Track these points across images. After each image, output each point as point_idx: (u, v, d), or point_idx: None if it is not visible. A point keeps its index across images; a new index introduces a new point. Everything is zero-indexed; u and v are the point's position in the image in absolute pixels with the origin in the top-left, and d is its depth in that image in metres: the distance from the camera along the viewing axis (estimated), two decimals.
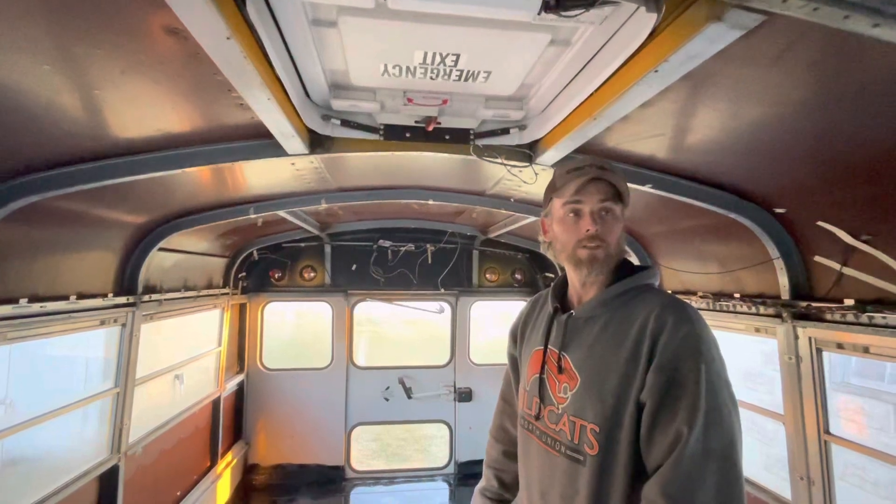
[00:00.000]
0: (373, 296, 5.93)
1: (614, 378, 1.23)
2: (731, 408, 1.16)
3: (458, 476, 5.81)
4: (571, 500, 1.26)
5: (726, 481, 1.09)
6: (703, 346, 1.18)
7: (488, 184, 3.28)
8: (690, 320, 1.21)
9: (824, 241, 2.23)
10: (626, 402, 1.20)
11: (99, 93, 1.54)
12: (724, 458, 1.10)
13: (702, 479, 1.08)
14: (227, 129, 2.00)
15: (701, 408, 1.11)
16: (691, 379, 1.14)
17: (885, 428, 9.51)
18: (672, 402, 1.14)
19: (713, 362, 1.17)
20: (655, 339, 1.20)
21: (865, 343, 2.16)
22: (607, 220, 1.32)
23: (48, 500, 2.51)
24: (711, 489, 1.08)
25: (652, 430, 1.16)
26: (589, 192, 1.31)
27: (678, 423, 1.12)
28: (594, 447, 1.22)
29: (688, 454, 1.09)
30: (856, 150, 1.71)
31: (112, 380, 3.14)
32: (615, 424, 1.21)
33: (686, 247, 3.23)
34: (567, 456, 1.29)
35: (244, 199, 3.32)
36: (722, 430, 1.12)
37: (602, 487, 1.21)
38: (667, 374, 1.16)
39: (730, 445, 1.12)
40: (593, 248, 1.31)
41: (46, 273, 2.46)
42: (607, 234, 1.32)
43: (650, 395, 1.17)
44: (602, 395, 1.24)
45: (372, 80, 1.82)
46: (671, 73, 1.30)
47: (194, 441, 4.48)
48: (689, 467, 1.09)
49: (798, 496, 2.47)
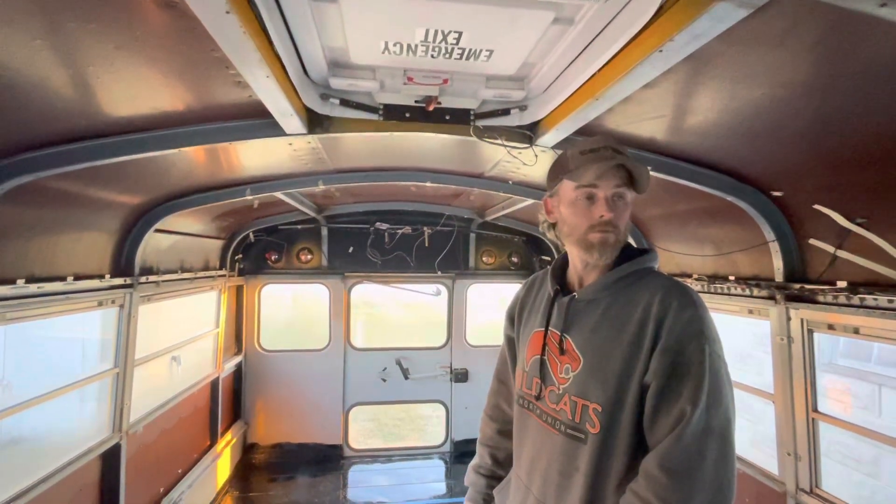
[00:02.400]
0: (370, 278, 5.94)
1: (618, 360, 1.25)
2: (728, 388, 1.20)
3: (454, 454, 5.94)
4: (570, 477, 1.30)
5: (723, 458, 1.13)
6: (705, 328, 1.21)
7: (487, 166, 3.26)
8: (694, 304, 1.24)
9: (819, 224, 2.26)
10: (629, 383, 1.23)
11: (93, 69, 1.51)
12: (722, 436, 1.14)
13: (701, 455, 1.12)
14: (224, 107, 1.97)
15: (704, 388, 1.15)
16: (695, 360, 1.17)
17: (870, 407, 9.80)
18: (677, 383, 1.17)
19: (714, 343, 1.20)
20: (660, 322, 1.22)
21: (856, 324, 2.20)
22: (619, 206, 1.33)
23: (52, 477, 2.55)
24: (710, 465, 1.11)
25: (656, 410, 1.19)
26: (607, 178, 1.30)
27: (682, 402, 1.15)
28: (596, 426, 1.26)
29: (690, 431, 1.12)
30: (854, 134, 1.72)
31: (111, 360, 3.16)
32: (617, 404, 1.24)
33: (682, 230, 3.25)
34: (567, 434, 1.32)
35: (240, 180, 3.29)
36: (721, 409, 1.16)
37: (602, 465, 1.25)
38: (672, 356, 1.19)
39: (727, 424, 1.16)
40: (605, 234, 1.32)
41: (42, 254, 2.45)
42: (619, 220, 1.33)
43: (655, 376, 1.20)
44: (605, 376, 1.26)
45: (372, 58, 1.79)
46: (676, 54, 1.29)
47: (194, 421, 4.53)
48: (690, 444, 1.12)
49: (785, 471, 2.56)
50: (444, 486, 5.32)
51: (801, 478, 2.47)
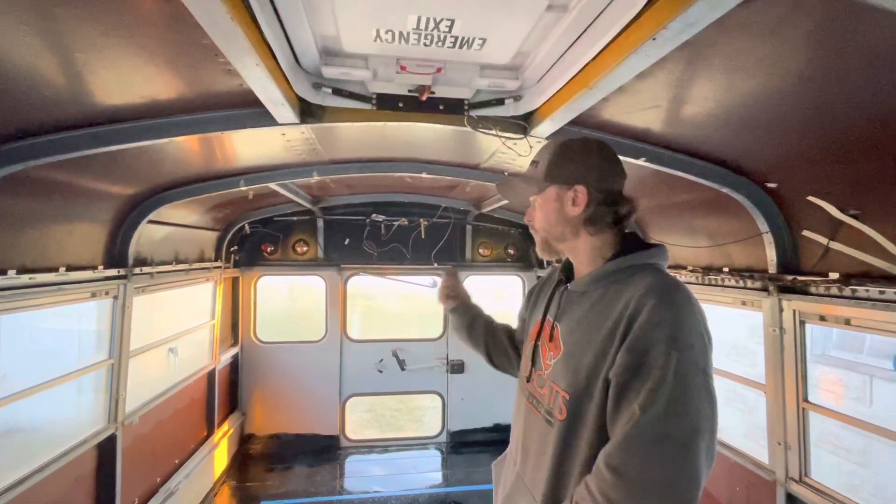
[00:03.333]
0: (366, 270, 5.94)
1: (590, 353, 1.24)
2: (702, 398, 1.10)
3: (450, 444, 5.99)
4: (541, 456, 1.34)
5: (680, 469, 1.04)
6: (680, 334, 1.12)
7: (483, 157, 3.25)
8: (672, 306, 1.15)
9: (813, 216, 2.26)
10: (596, 376, 1.21)
11: (80, 56, 1.48)
12: (682, 445, 1.05)
13: (651, 459, 1.06)
14: (214, 96, 1.95)
15: (663, 393, 1.08)
16: (657, 365, 1.10)
17: (861, 398, 9.91)
18: (635, 384, 1.12)
19: (688, 350, 1.11)
20: (631, 320, 1.17)
21: (847, 315, 2.22)
22: (533, 210, 1.48)
23: (48, 467, 2.56)
24: (661, 471, 1.05)
25: (615, 407, 1.16)
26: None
27: (634, 404, 1.10)
28: (563, 413, 1.27)
29: (637, 433, 1.07)
30: (848, 125, 1.72)
31: (106, 352, 3.16)
32: (584, 395, 1.23)
33: (677, 221, 3.25)
34: (544, 417, 1.36)
35: (234, 170, 3.27)
36: (686, 418, 1.07)
37: (565, 451, 1.26)
38: (634, 357, 1.14)
39: (692, 434, 1.06)
40: (535, 236, 1.50)
41: (34, 245, 2.43)
42: (535, 222, 1.48)
43: (616, 374, 1.16)
44: (577, 367, 1.26)
45: (364, 46, 1.77)
46: (669, 42, 1.28)
47: (190, 411, 4.55)
48: (638, 445, 1.07)
49: (775, 460, 2.59)
50: (440, 476, 5.37)
51: (791, 467, 2.50)
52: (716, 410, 1.12)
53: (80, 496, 2.94)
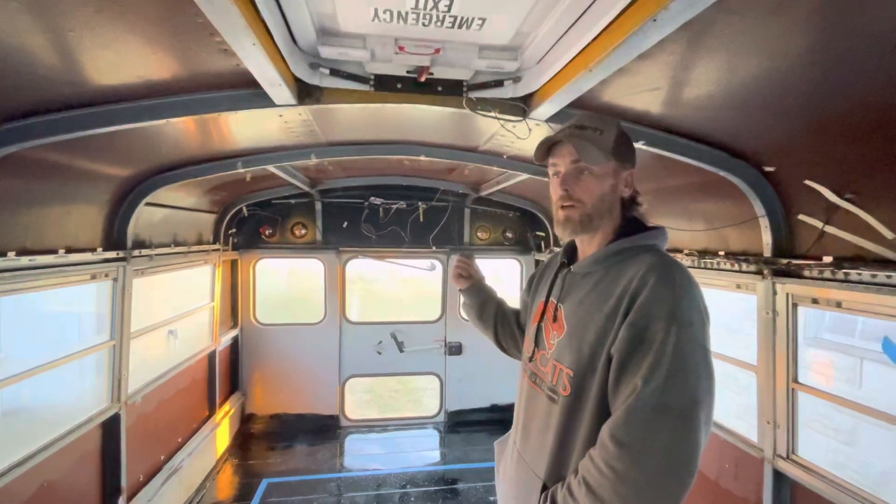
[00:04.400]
0: (364, 253, 5.96)
1: (593, 330, 1.28)
2: (699, 371, 1.15)
3: (448, 424, 6.11)
4: (544, 433, 1.38)
5: (679, 439, 1.10)
6: (679, 311, 1.17)
7: (481, 139, 3.23)
8: (672, 284, 1.20)
9: (809, 200, 2.27)
10: (599, 353, 1.26)
11: (73, 34, 1.46)
12: (682, 416, 1.10)
13: (651, 431, 1.10)
14: (211, 77, 1.93)
15: (663, 366, 1.12)
16: (658, 339, 1.14)
17: (852, 379, 10.12)
18: (637, 359, 1.16)
19: (688, 327, 1.16)
20: (634, 297, 1.22)
21: (839, 298, 2.25)
22: (583, 180, 1.35)
23: (54, 444, 2.62)
24: (662, 442, 1.09)
25: (617, 381, 1.20)
26: (561, 154, 1.36)
27: (637, 377, 1.14)
28: (567, 389, 1.31)
29: (639, 405, 1.11)
30: (846, 107, 1.71)
31: (107, 333, 3.19)
32: (588, 371, 1.27)
33: (674, 205, 3.26)
34: (547, 395, 1.40)
35: (232, 152, 3.25)
36: (685, 390, 1.12)
37: (569, 426, 1.31)
38: (636, 332, 1.18)
39: (690, 406, 1.11)
40: (567, 209, 1.37)
41: (32, 227, 2.43)
42: (581, 194, 1.35)
43: (618, 348, 1.20)
44: (580, 344, 1.31)
45: (362, 25, 1.75)
46: (670, 22, 1.26)
47: (192, 392, 4.62)
48: (639, 418, 1.11)
49: (764, 438, 2.66)
50: (438, 455, 5.49)
51: (779, 445, 2.57)
52: (714, 384, 1.18)
53: (87, 472, 3.01)
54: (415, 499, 4.45)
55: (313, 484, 4.67)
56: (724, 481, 3.01)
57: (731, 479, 2.95)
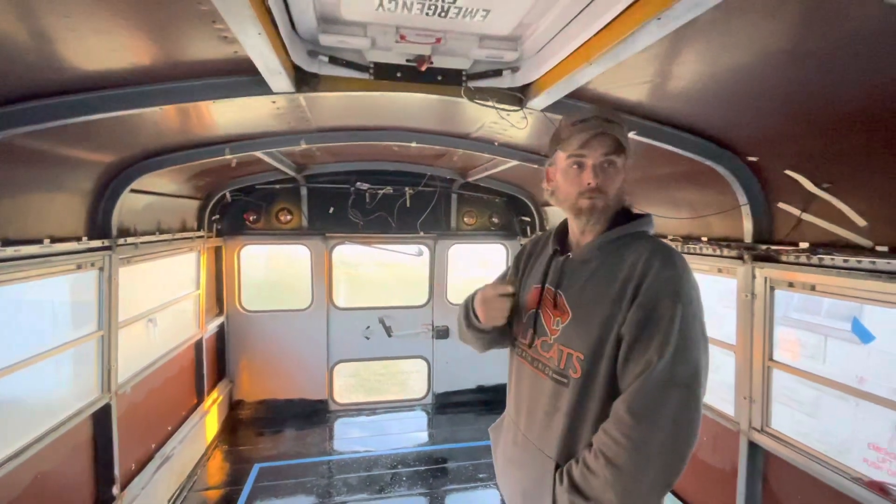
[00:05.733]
0: (351, 239, 5.93)
1: (601, 313, 1.36)
2: (700, 345, 1.28)
3: (436, 406, 6.25)
4: (553, 416, 1.45)
5: (686, 405, 1.24)
6: (682, 289, 1.29)
7: (473, 126, 3.24)
8: (675, 266, 1.32)
9: (788, 189, 2.39)
10: (609, 334, 1.34)
11: (69, 20, 1.41)
12: (687, 386, 1.24)
13: (663, 401, 1.23)
14: (204, 63, 1.88)
15: (672, 341, 1.24)
16: (666, 316, 1.26)
17: (816, 356, 10.75)
18: (647, 336, 1.27)
19: (690, 304, 1.29)
20: (641, 280, 1.32)
21: (813, 282, 2.40)
22: (609, 172, 1.40)
23: (46, 437, 2.58)
24: (671, 411, 1.23)
25: (628, 359, 1.30)
26: (592, 146, 1.38)
27: (650, 353, 1.25)
28: (578, 371, 1.39)
29: (654, 378, 1.23)
30: (825, 103, 1.81)
31: (95, 323, 3.13)
32: (598, 353, 1.36)
33: (661, 193, 3.36)
34: (553, 379, 1.46)
35: (219, 138, 3.17)
36: (688, 362, 1.25)
37: (580, 406, 1.39)
38: (646, 311, 1.29)
39: (694, 376, 1.25)
40: (594, 199, 1.41)
41: (14, 216, 2.35)
42: (607, 186, 1.41)
43: (629, 328, 1.30)
44: (589, 328, 1.38)
45: (365, 14, 1.73)
46: (673, 21, 1.31)
47: (180, 380, 4.58)
48: (654, 390, 1.23)
49: (740, 412, 2.84)
50: (426, 436, 5.62)
51: (754, 418, 2.76)
52: (709, 353, 1.32)
53: (80, 462, 2.98)
54: (406, 478, 4.57)
55: (305, 467, 4.74)
56: (702, 454, 3.21)
57: (710, 451, 3.14)
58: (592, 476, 1.28)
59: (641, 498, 1.25)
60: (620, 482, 1.23)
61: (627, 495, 1.24)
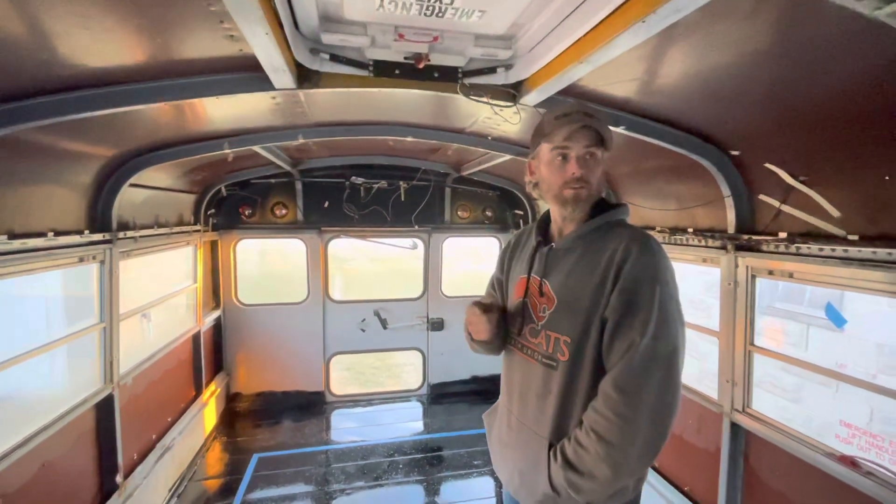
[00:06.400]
0: (347, 233, 5.99)
1: (585, 299, 1.46)
2: (677, 323, 1.40)
3: (431, 396, 6.36)
4: (544, 399, 1.55)
5: (667, 380, 1.35)
6: (659, 273, 1.40)
7: (468, 121, 3.32)
8: (652, 252, 1.43)
9: (769, 182, 2.51)
10: (593, 318, 1.44)
11: (84, 20, 1.47)
12: (668, 361, 1.36)
13: (647, 376, 1.34)
14: (212, 61, 1.94)
15: (652, 321, 1.35)
16: (647, 299, 1.37)
17: (798, 343, 11.10)
18: (630, 317, 1.38)
19: (666, 286, 1.40)
20: (621, 266, 1.42)
21: (791, 270, 2.53)
22: (590, 164, 1.49)
23: (52, 426, 2.64)
24: (655, 385, 1.34)
25: (612, 339, 1.40)
26: (576, 139, 1.47)
27: (633, 333, 1.36)
28: (566, 355, 1.49)
29: (638, 357, 1.34)
30: (801, 99, 1.92)
31: (97, 316, 3.18)
32: (584, 336, 1.46)
33: (649, 186, 3.48)
34: (542, 363, 1.56)
35: (218, 133, 3.22)
36: (668, 339, 1.37)
37: (570, 387, 1.49)
38: (627, 295, 1.39)
39: (673, 352, 1.37)
40: (577, 189, 1.50)
41: (18, 210, 2.39)
42: (590, 176, 1.50)
43: (613, 311, 1.41)
44: (575, 312, 1.48)
45: (365, 14, 1.80)
46: (657, 24, 1.40)
47: (179, 373, 4.63)
48: (638, 367, 1.34)
49: (723, 395, 2.98)
50: (422, 425, 5.74)
51: (736, 400, 2.90)
52: (685, 329, 1.43)
53: (84, 451, 3.05)
54: (402, 466, 4.68)
55: (303, 457, 4.83)
56: (687, 435, 3.36)
57: (694, 433, 3.29)
58: (585, 452, 1.39)
59: (631, 467, 1.36)
60: (612, 455, 1.34)
61: (619, 467, 1.34)
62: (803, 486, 2.51)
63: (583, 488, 1.41)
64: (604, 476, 1.36)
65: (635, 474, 1.46)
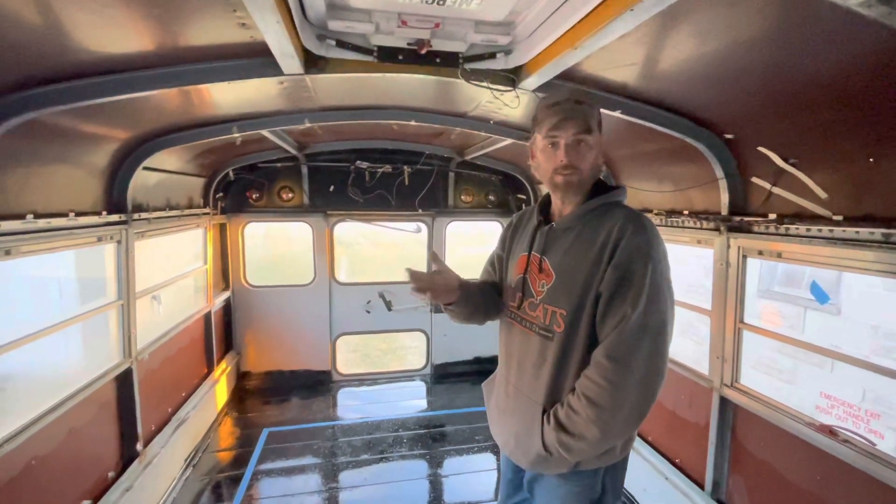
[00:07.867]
0: (352, 216, 6.10)
1: (582, 274, 1.57)
2: (667, 298, 1.51)
3: (434, 376, 6.55)
4: (540, 367, 1.67)
5: (656, 350, 1.46)
6: (652, 251, 1.50)
7: (470, 106, 3.40)
8: (645, 231, 1.53)
9: (761, 164, 2.59)
10: (588, 292, 1.55)
11: (105, 9, 1.56)
12: (657, 333, 1.47)
13: (637, 346, 1.45)
14: (224, 48, 2.03)
15: (643, 295, 1.45)
16: (639, 274, 1.47)
17: (795, 326, 11.24)
18: (623, 292, 1.48)
19: (658, 263, 1.50)
20: (616, 244, 1.52)
21: (780, 250, 2.62)
22: (580, 150, 1.58)
23: (77, 395, 2.81)
24: (644, 355, 1.45)
25: (606, 312, 1.52)
26: (564, 127, 1.55)
27: (625, 306, 1.47)
28: (561, 326, 1.60)
29: (629, 328, 1.45)
30: (792, 83, 1.98)
31: (115, 293, 3.33)
32: (578, 309, 1.57)
33: (646, 168, 3.56)
34: (539, 334, 1.67)
35: (228, 116, 3.32)
36: (657, 313, 1.47)
37: (564, 357, 1.61)
38: (621, 271, 1.50)
39: (662, 325, 1.48)
40: (567, 175, 1.59)
41: (41, 190, 2.52)
42: (580, 162, 1.58)
43: (607, 286, 1.51)
44: (571, 287, 1.59)
45: (370, 1, 1.88)
46: (645, 12, 1.48)
47: (192, 350, 4.82)
48: (628, 337, 1.45)
49: (713, 370, 3.11)
50: (425, 403, 5.93)
51: (726, 375, 3.02)
52: (674, 304, 1.54)
53: (107, 420, 3.23)
54: (406, 441, 4.87)
55: (312, 431, 5.03)
56: (679, 410, 3.50)
57: (686, 407, 3.43)
58: (576, 415, 1.51)
59: (619, 429, 1.49)
60: (601, 418, 1.46)
61: (607, 428, 1.47)
62: (786, 456, 2.64)
63: (573, 448, 1.53)
64: (593, 437, 1.48)
65: (623, 436, 1.57)
